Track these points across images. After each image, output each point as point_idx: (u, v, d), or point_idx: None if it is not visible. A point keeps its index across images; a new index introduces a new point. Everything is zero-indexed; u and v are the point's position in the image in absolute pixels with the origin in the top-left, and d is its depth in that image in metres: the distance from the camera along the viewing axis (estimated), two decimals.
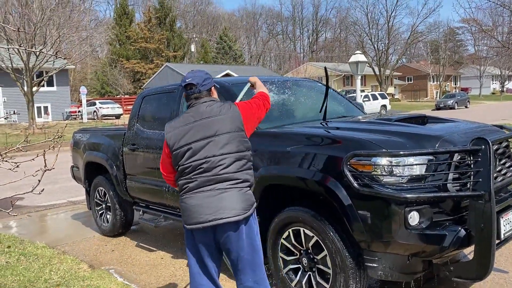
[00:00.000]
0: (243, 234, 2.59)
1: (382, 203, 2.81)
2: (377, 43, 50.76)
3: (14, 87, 25.02)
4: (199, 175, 2.58)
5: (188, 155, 2.60)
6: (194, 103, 2.74)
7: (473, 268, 2.78)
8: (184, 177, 2.63)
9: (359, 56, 12.48)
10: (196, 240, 2.65)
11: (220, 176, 2.56)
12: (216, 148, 2.58)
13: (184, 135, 2.63)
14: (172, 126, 2.72)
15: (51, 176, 9.64)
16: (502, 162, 3.30)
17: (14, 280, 4.04)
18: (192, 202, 2.58)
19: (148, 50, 51.28)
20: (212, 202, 2.53)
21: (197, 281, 2.71)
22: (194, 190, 2.58)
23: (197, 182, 2.57)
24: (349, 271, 3.01)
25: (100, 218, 5.80)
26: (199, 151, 2.58)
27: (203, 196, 2.56)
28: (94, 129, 6.56)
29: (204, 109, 2.68)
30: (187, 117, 2.70)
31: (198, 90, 2.73)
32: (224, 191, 2.55)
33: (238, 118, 2.68)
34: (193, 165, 2.59)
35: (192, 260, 2.71)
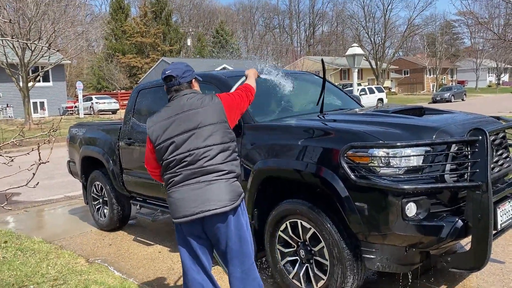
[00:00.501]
0: (231, 225, 2.58)
1: (379, 194, 2.80)
2: (373, 36, 50.71)
3: (9, 82, 24.89)
4: (184, 168, 2.55)
5: (171, 149, 2.58)
6: (175, 96, 2.72)
7: (470, 259, 2.79)
8: (169, 171, 2.61)
9: (356, 49, 12.45)
10: (186, 233, 2.63)
11: (205, 168, 2.54)
12: (199, 141, 2.56)
13: (166, 129, 2.61)
14: (153, 121, 2.69)
15: (48, 171, 9.64)
16: (499, 153, 3.30)
17: (11, 275, 4.02)
18: (178, 196, 2.56)
19: (144, 44, 51.08)
20: (198, 194, 2.52)
21: (191, 275, 2.69)
22: (180, 184, 2.56)
23: (182, 176, 2.56)
24: (346, 262, 3.01)
25: (97, 212, 5.79)
26: (182, 144, 2.56)
27: (188, 189, 2.54)
28: (90, 123, 6.52)
29: (185, 101, 2.65)
30: (168, 111, 2.67)
31: (178, 82, 2.70)
32: (210, 183, 2.53)
33: (220, 110, 2.66)
34: (177, 159, 2.57)
35: (184, 254, 2.69)
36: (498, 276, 3.65)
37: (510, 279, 3.57)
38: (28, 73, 22.28)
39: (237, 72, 4.78)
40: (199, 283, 2.68)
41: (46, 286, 3.76)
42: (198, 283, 2.68)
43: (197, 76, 2.88)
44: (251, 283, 2.68)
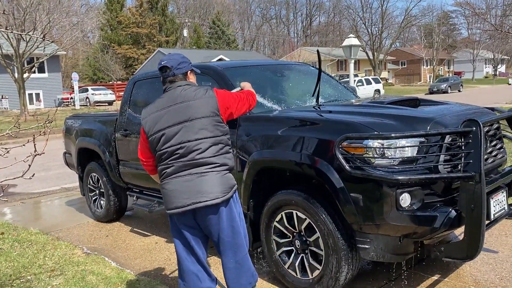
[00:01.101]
0: (223, 216, 2.59)
1: (374, 185, 2.82)
2: (370, 27, 50.64)
3: (4, 73, 24.73)
4: (176, 160, 2.57)
5: (163, 141, 2.59)
6: (169, 87, 2.71)
7: (464, 248, 2.82)
8: (161, 163, 2.64)
9: (352, 40, 12.41)
10: (179, 224, 2.66)
11: (196, 161, 2.55)
12: (190, 133, 2.55)
13: (159, 121, 2.61)
14: (147, 112, 2.70)
15: (44, 163, 9.63)
16: (493, 144, 3.32)
17: (8, 266, 4.04)
18: (170, 187, 2.58)
19: (140, 35, 50.75)
20: (190, 186, 2.53)
21: (185, 266, 2.71)
22: (172, 176, 2.58)
23: (174, 168, 2.57)
24: (341, 252, 3.04)
25: (94, 204, 5.80)
26: (173, 136, 2.56)
27: (180, 181, 2.56)
28: (86, 115, 6.51)
29: (178, 93, 2.64)
30: (161, 102, 2.67)
31: (173, 74, 2.69)
32: (201, 175, 2.54)
33: (213, 103, 2.63)
34: (169, 151, 2.58)
35: (178, 245, 2.71)
36: (491, 265, 3.70)
37: (503, 268, 3.61)
38: (23, 64, 22.15)
39: (234, 63, 4.77)
40: (194, 273, 2.70)
41: (44, 277, 3.78)
42: (192, 273, 2.70)
43: (194, 68, 2.86)
44: (244, 273, 2.71)
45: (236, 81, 4.05)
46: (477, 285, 3.37)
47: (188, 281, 2.72)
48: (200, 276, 2.72)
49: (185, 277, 2.72)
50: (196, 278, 2.71)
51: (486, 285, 3.36)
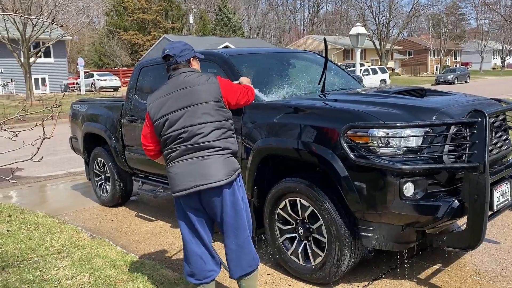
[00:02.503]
0: (226, 199, 2.66)
1: (378, 174, 2.84)
2: (378, 16, 50.12)
3: (11, 58, 24.75)
4: (180, 144, 2.65)
5: (167, 126, 2.67)
6: (173, 74, 2.79)
7: (466, 238, 2.84)
8: (166, 147, 2.72)
9: (359, 29, 12.33)
10: (184, 207, 2.73)
11: (199, 144, 2.62)
12: (193, 118, 2.62)
13: (163, 106, 2.69)
14: (152, 98, 2.78)
15: (50, 147, 9.70)
16: (498, 135, 3.33)
17: (16, 248, 4.11)
18: (175, 171, 2.67)
19: (145, 21, 50.51)
20: (194, 169, 2.61)
21: (190, 249, 2.78)
22: (176, 159, 2.67)
23: (178, 151, 2.65)
24: (344, 240, 3.07)
25: (100, 188, 5.86)
26: (177, 121, 2.64)
27: (185, 164, 2.63)
28: (92, 100, 6.54)
29: (182, 79, 2.72)
30: (165, 88, 2.75)
31: (175, 61, 2.77)
32: (205, 158, 2.62)
33: (215, 89, 2.70)
34: (173, 135, 2.66)
35: (184, 228, 2.78)
36: (493, 255, 3.72)
37: (504, 259, 3.64)
38: (29, 48, 22.15)
39: (240, 51, 4.77)
40: (198, 255, 2.77)
41: (50, 258, 3.85)
42: (197, 255, 2.77)
43: (197, 54, 2.92)
44: (245, 256, 2.77)
45: (242, 68, 4.05)
46: (478, 275, 3.40)
47: (193, 263, 2.78)
48: (204, 258, 2.78)
49: (190, 260, 2.78)
50: (201, 260, 2.77)
51: (487, 275, 3.39)
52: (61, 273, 3.55)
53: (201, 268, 2.77)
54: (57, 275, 3.52)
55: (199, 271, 2.78)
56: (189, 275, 2.81)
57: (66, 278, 3.47)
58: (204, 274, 2.78)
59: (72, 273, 3.56)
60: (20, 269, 3.61)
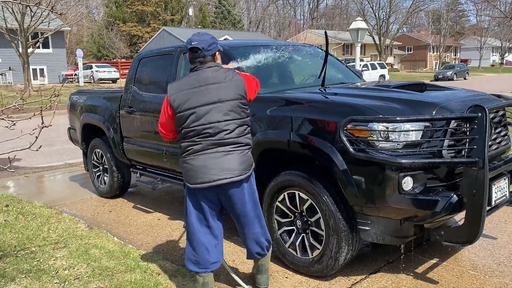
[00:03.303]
0: (245, 192, 2.81)
1: (377, 168, 2.84)
2: (378, 11, 50.01)
3: (9, 48, 24.62)
4: (204, 139, 2.69)
5: (192, 119, 2.69)
6: (199, 67, 2.78)
7: (463, 233, 2.85)
8: (188, 139, 2.74)
9: (359, 23, 12.29)
10: (200, 198, 2.79)
11: (225, 140, 2.70)
12: (220, 114, 2.68)
13: (189, 99, 2.70)
14: (175, 89, 2.76)
15: (48, 138, 9.68)
16: (498, 131, 3.32)
17: (13, 238, 4.11)
18: (196, 163, 2.71)
19: (145, 13, 50.28)
20: (216, 163, 2.69)
21: (198, 238, 2.86)
22: (199, 152, 2.70)
23: (202, 146, 2.70)
24: (341, 233, 3.07)
25: (98, 179, 5.85)
26: (203, 116, 2.68)
27: (208, 158, 2.69)
28: (91, 91, 6.52)
29: (209, 74, 2.74)
30: (191, 81, 2.75)
31: (203, 55, 2.76)
32: (227, 153, 2.71)
33: (241, 86, 2.77)
34: (197, 129, 2.69)
35: (193, 218, 2.85)
36: (490, 251, 3.74)
37: (501, 254, 3.65)
38: (27, 38, 22.02)
39: (240, 43, 4.74)
40: (205, 245, 2.86)
41: (48, 249, 3.84)
42: (203, 246, 2.86)
43: (220, 47, 2.91)
44: (265, 234, 3.01)
45: (241, 61, 4.03)
46: (475, 270, 3.41)
47: (199, 252, 2.86)
48: (210, 249, 2.87)
49: (196, 249, 2.87)
50: (206, 250, 2.86)
51: (484, 269, 3.41)
52: (59, 263, 3.55)
53: (206, 258, 2.86)
54: (55, 265, 3.52)
55: (204, 261, 2.86)
56: (193, 263, 2.89)
57: (64, 268, 3.47)
58: (208, 264, 2.88)
59: (69, 263, 3.56)
60: (17, 259, 3.61)
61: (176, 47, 4.65)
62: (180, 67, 4.42)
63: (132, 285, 3.21)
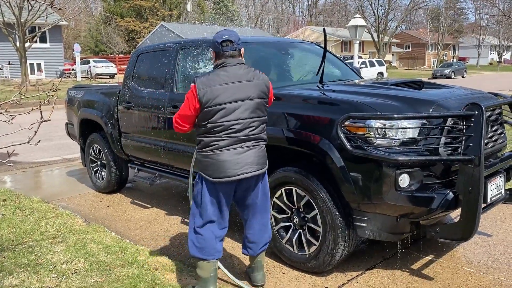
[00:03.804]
0: (260, 184, 2.95)
1: (374, 165, 2.86)
2: (377, 8, 49.84)
3: (6, 42, 24.52)
4: (231, 134, 2.76)
5: (221, 114, 2.73)
6: (228, 63, 2.80)
7: (459, 230, 2.87)
8: (213, 135, 2.78)
9: (358, 20, 12.29)
10: (220, 191, 2.87)
11: (250, 136, 2.80)
12: (247, 112, 2.77)
13: (220, 95, 2.73)
14: (205, 83, 2.75)
15: (46, 133, 9.65)
16: (494, 129, 3.35)
17: (11, 232, 4.11)
18: (221, 158, 2.77)
19: (143, 8, 50.02)
20: (240, 158, 2.78)
21: (209, 229, 2.94)
22: (224, 148, 2.77)
23: (228, 141, 2.76)
24: (338, 230, 3.09)
25: (95, 175, 5.85)
26: (232, 112, 2.74)
27: (232, 153, 2.77)
28: (88, 86, 6.51)
29: (241, 72, 2.81)
30: (222, 77, 2.77)
31: (235, 48, 2.82)
32: (250, 148, 2.82)
33: (267, 86, 2.87)
34: (225, 125, 2.74)
35: (209, 209, 2.90)
36: (485, 248, 3.77)
37: (496, 251, 3.68)
38: (25, 33, 21.93)
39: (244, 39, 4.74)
40: (215, 235, 2.96)
41: (45, 243, 3.85)
42: (213, 235, 2.95)
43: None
44: (268, 230, 3.12)
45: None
46: (470, 266, 3.44)
47: (207, 239, 2.94)
48: (217, 240, 2.98)
49: (205, 236, 2.93)
50: (214, 239, 2.96)
51: (479, 266, 3.44)
52: (56, 258, 3.56)
53: (213, 245, 2.95)
54: (52, 259, 3.53)
55: (210, 247, 2.95)
56: (198, 251, 2.96)
57: (61, 262, 3.48)
58: (214, 252, 2.97)
59: (67, 257, 3.57)
60: (15, 253, 3.62)
61: (175, 43, 4.65)
62: (178, 63, 4.42)
63: (129, 280, 3.22)
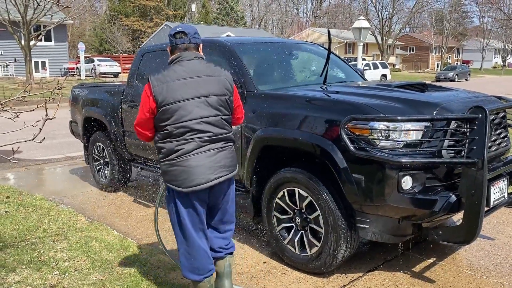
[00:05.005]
0: (230, 188, 2.74)
1: (377, 166, 2.86)
2: (381, 10, 49.87)
3: (11, 40, 24.62)
4: (196, 135, 2.47)
5: (180, 113, 2.45)
6: (183, 56, 2.55)
7: (461, 233, 2.87)
8: (175, 138, 2.48)
9: (362, 22, 12.28)
10: (195, 200, 2.56)
11: (216, 136, 2.54)
12: (211, 109, 2.51)
13: (177, 91, 2.45)
14: (160, 80, 2.48)
15: (50, 131, 9.68)
16: (498, 132, 3.34)
17: (14, 229, 4.13)
18: (191, 164, 2.47)
19: (147, 7, 50.13)
20: (212, 161, 2.51)
21: (197, 244, 2.62)
22: (192, 152, 2.48)
23: (194, 144, 2.48)
24: (340, 231, 3.09)
25: (98, 173, 5.87)
26: (193, 110, 2.46)
27: (204, 157, 2.49)
28: (93, 84, 6.53)
29: (198, 66, 2.55)
30: (179, 72, 2.51)
31: (189, 41, 2.57)
32: (220, 150, 2.57)
33: (230, 82, 2.62)
34: (187, 125, 2.45)
35: (188, 223, 2.59)
36: (487, 251, 3.76)
37: (498, 255, 3.68)
38: (30, 31, 22.01)
39: (243, 39, 4.75)
40: (204, 250, 2.65)
41: (48, 240, 3.87)
42: (203, 250, 2.65)
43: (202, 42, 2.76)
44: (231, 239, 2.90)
45: (244, 57, 4.04)
46: (472, 270, 3.43)
47: (199, 258, 2.64)
48: (208, 253, 2.68)
49: (197, 256, 2.63)
50: (206, 254, 2.66)
51: (481, 270, 3.43)
52: (59, 255, 3.58)
53: (206, 262, 2.66)
54: (55, 256, 3.55)
55: (204, 266, 2.65)
56: (191, 272, 2.65)
57: (64, 260, 3.50)
58: (208, 267, 2.67)
59: (69, 255, 3.58)
60: (18, 250, 3.64)
61: None
62: None
63: (131, 278, 3.24)
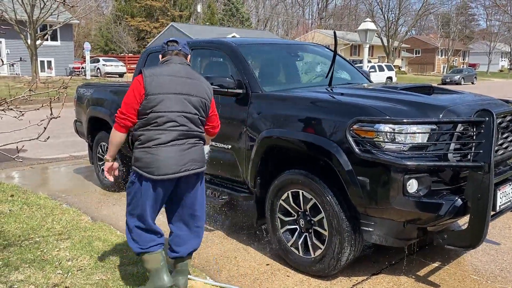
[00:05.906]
0: (200, 184, 2.93)
1: (382, 169, 2.84)
2: (387, 13, 49.76)
3: (17, 39, 24.74)
4: (174, 128, 2.71)
5: (165, 104, 2.69)
6: (172, 60, 2.86)
7: (467, 237, 2.84)
8: (155, 127, 2.70)
9: (368, 24, 12.26)
10: (160, 188, 2.78)
11: (192, 132, 2.80)
12: (191, 107, 2.79)
13: (165, 84, 2.74)
14: (153, 73, 2.77)
15: (54, 130, 9.70)
16: (505, 136, 3.31)
17: (17, 227, 4.14)
18: (165, 154, 2.69)
19: (153, 8, 50.29)
20: (184, 155, 2.75)
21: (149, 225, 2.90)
22: (168, 143, 2.70)
23: (172, 135, 2.71)
24: (344, 234, 3.07)
25: (102, 173, 5.87)
26: (176, 104, 2.72)
27: (177, 149, 2.73)
28: (98, 84, 6.54)
29: (181, 68, 2.85)
30: (171, 69, 2.81)
31: (179, 48, 2.93)
32: (194, 145, 2.81)
33: (210, 90, 2.93)
34: (168, 116, 2.69)
35: (147, 206, 2.82)
36: (492, 256, 3.72)
37: (503, 260, 3.64)
38: (36, 30, 22.12)
39: (248, 40, 4.75)
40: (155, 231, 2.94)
41: (52, 239, 3.87)
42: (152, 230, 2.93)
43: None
44: (199, 239, 3.07)
45: (250, 58, 4.04)
46: (477, 274, 3.40)
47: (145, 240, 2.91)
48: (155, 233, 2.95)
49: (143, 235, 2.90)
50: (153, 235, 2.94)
51: (486, 275, 3.40)
52: (62, 254, 3.57)
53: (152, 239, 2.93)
54: (58, 255, 3.55)
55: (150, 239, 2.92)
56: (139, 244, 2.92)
57: (67, 259, 3.49)
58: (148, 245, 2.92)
59: (72, 254, 3.58)
60: (21, 249, 3.64)
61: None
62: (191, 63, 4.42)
63: (134, 278, 3.23)
